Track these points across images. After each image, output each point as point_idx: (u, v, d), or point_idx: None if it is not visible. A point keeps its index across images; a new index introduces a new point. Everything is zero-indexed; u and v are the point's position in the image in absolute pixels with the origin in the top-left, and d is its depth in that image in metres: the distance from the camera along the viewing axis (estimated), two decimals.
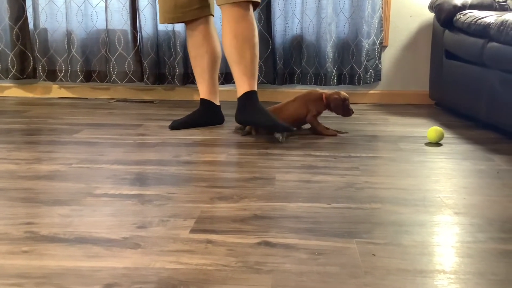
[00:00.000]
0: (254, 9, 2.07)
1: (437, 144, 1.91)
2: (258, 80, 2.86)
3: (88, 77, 2.95)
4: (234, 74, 2.03)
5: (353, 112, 2.10)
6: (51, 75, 2.95)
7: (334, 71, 2.84)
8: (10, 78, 2.96)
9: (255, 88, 2.02)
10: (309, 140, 1.98)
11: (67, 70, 2.92)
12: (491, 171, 1.57)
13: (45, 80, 2.96)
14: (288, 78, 2.92)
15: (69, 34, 2.87)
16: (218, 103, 2.29)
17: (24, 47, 2.94)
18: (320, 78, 2.86)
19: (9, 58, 2.92)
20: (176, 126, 2.19)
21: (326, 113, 2.45)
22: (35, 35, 2.88)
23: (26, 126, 2.19)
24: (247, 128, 2.08)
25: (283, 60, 2.88)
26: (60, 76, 2.94)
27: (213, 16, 2.22)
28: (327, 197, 1.32)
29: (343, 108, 2.09)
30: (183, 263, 0.96)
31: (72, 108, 2.69)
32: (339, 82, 2.88)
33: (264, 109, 1.97)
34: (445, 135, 2.07)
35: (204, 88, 2.26)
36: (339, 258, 0.98)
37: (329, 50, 2.80)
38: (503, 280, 0.90)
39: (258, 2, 2.06)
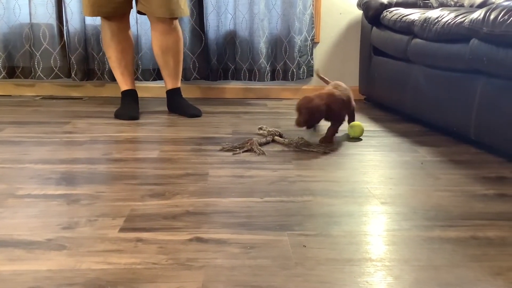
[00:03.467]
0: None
1: (358, 138, 1.97)
2: (192, 76, 2.84)
3: (11, 73, 2.80)
4: (162, 74, 2.43)
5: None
6: None
7: (267, 66, 2.86)
8: None
9: (178, 86, 2.44)
10: (242, 135, 1.98)
11: None
12: (416, 162, 1.64)
13: None
14: (222, 74, 2.91)
15: None
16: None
17: None
18: (254, 74, 2.87)
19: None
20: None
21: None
22: None
23: None
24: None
25: (217, 56, 2.87)
26: None
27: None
28: (260, 192, 1.33)
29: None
30: (111, 263, 0.92)
31: None
32: (272, 78, 2.91)
33: (185, 101, 2.44)
34: (373, 129, 2.14)
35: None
36: (271, 251, 0.98)
37: (262, 46, 2.82)
38: (426, 265, 0.94)
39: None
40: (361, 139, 1.95)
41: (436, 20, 1.99)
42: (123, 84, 2.38)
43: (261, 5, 2.77)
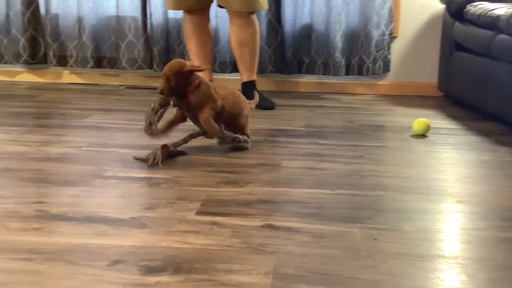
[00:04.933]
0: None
1: (423, 135, 1.91)
2: (267, 69, 2.88)
3: (99, 63, 2.97)
4: (238, 66, 2.47)
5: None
6: (62, 61, 2.98)
7: (342, 61, 2.85)
8: (21, 63, 2.99)
9: (254, 78, 2.46)
10: (315, 128, 1.99)
11: (78, 56, 2.95)
12: (495, 162, 1.58)
13: (55, 66, 2.99)
14: (297, 68, 2.93)
15: (80, 20, 2.89)
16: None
17: (36, 32, 2.97)
18: (328, 68, 2.87)
19: (21, 43, 2.95)
20: None
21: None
22: (47, 20, 2.91)
23: (37, 110, 2.23)
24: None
25: (292, 49, 2.89)
26: (71, 62, 2.96)
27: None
28: (331, 184, 1.34)
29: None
30: (188, 242, 0.98)
31: (82, 93, 2.72)
32: (347, 72, 2.88)
33: (260, 93, 2.30)
34: (451, 126, 2.07)
35: None
36: (341, 241, 1.00)
37: (338, 39, 2.81)
38: (501, 266, 0.91)
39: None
40: (426, 136, 1.90)
41: None
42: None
43: None
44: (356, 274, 0.88)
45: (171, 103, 1.57)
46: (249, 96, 2.45)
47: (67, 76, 3.08)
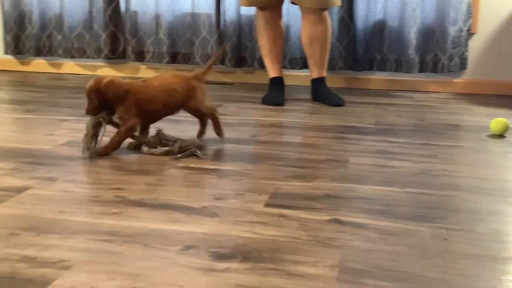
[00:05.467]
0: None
1: (501, 136, 1.82)
2: (337, 66, 2.86)
3: (174, 58, 3.08)
4: (308, 63, 2.47)
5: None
6: (140, 56, 3.12)
7: (416, 58, 2.77)
8: (102, 58, 3.16)
9: (323, 75, 2.47)
10: (385, 126, 1.96)
11: (154, 52, 3.08)
12: None
13: (133, 61, 3.14)
14: (368, 64, 2.89)
15: (157, 17, 3.01)
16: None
17: (116, 29, 3.13)
18: (401, 65, 2.81)
19: (102, 39, 3.12)
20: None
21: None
22: (126, 17, 3.06)
23: None
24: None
25: (364, 46, 2.85)
26: (148, 57, 3.10)
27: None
28: (400, 182, 1.32)
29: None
30: (257, 233, 1.01)
31: None
32: (421, 70, 2.81)
33: (329, 90, 2.45)
34: None
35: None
36: (409, 239, 0.99)
37: (412, 36, 2.74)
38: None
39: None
40: (505, 137, 1.82)
41: None
42: (272, 71, 2.50)
43: None
44: (425, 272, 0.87)
45: (103, 122, 1.50)
46: (319, 94, 2.46)
47: (144, 71, 3.23)
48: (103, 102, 1.49)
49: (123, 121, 1.52)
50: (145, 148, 1.56)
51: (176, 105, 1.61)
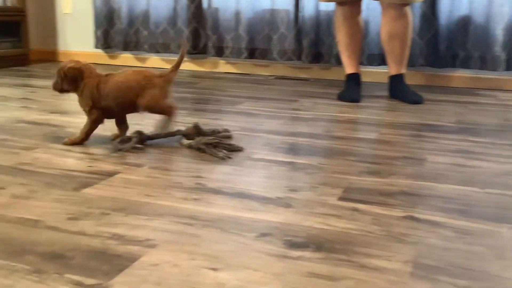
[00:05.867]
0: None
1: None
2: (417, 63, 2.80)
3: (251, 54, 3.15)
4: (386, 59, 2.44)
5: None
6: (219, 51, 3.21)
7: (502, 55, 2.64)
8: None
9: (402, 72, 2.43)
10: (467, 125, 1.90)
11: (233, 47, 3.16)
12: None
13: (213, 56, 3.24)
14: (450, 61, 2.79)
15: (237, 13, 3.09)
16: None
17: (198, 25, 3.25)
18: (486, 62, 2.69)
19: (185, 35, 3.25)
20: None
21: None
22: (208, 14, 3.16)
23: (196, 96, 2.45)
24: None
25: (447, 42, 2.76)
26: (227, 53, 3.18)
27: None
28: (480, 182, 1.29)
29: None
30: (330, 225, 1.03)
31: (235, 82, 2.91)
32: (507, 68, 2.67)
33: (407, 87, 2.41)
34: None
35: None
36: (487, 240, 0.97)
37: (498, 32, 2.61)
38: None
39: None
40: None
41: None
42: (349, 67, 2.49)
43: None
44: (503, 272, 0.85)
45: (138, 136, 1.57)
46: (397, 90, 2.41)
47: (223, 66, 3.32)
48: (64, 82, 1.54)
49: (86, 114, 1.56)
50: (185, 141, 1.60)
51: (130, 103, 1.55)
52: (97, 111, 1.55)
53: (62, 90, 1.57)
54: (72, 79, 1.54)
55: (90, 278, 0.81)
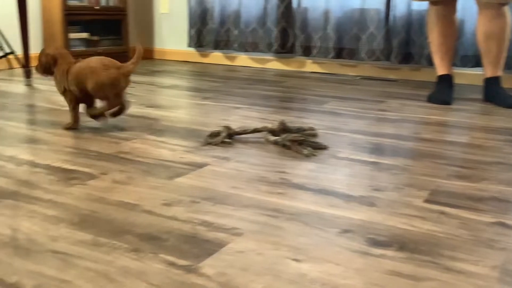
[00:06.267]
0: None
1: None
2: None
3: (339, 54, 3.14)
4: (482, 60, 2.34)
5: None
6: (307, 51, 3.24)
7: None
8: (272, 52, 3.35)
9: (499, 74, 2.31)
10: None
11: (321, 47, 3.17)
12: None
13: (301, 55, 3.27)
14: None
15: (326, 13, 3.09)
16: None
17: (287, 24, 3.29)
18: None
19: (273, 34, 3.30)
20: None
21: None
22: (297, 13, 3.19)
23: (282, 94, 2.49)
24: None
25: None
26: (314, 52, 3.20)
27: None
28: None
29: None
30: (415, 226, 1.02)
31: (321, 81, 2.92)
32: None
33: (504, 90, 2.29)
34: None
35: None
36: None
37: None
38: None
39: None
40: None
41: None
42: (441, 68, 2.41)
43: None
44: None
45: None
46: (492, 94, 2.29)
47: (310, 65, 3.34)
48: (41, 67, 1.72)
49: (62, 96, 1.72)
50: (271, 137, 1.61)
51: (86, 89, 1.66)
52: (70, 93, 1.69)
53: (42, 74, 1.74)
54: (46, 64, 1.71)
55: (182, 260, 0.87)
